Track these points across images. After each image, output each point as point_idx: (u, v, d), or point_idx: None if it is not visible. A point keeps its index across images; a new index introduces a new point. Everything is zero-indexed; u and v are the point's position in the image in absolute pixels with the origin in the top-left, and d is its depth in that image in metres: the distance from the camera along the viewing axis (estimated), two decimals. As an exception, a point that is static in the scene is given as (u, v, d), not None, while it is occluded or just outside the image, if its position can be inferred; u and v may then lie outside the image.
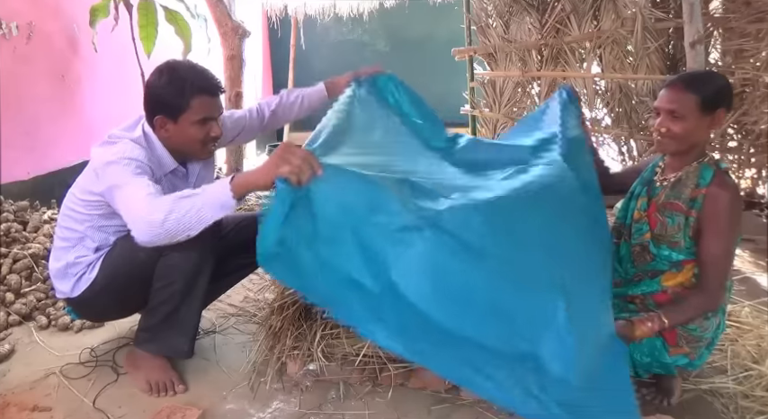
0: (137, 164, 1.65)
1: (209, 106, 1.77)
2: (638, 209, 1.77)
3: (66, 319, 2.23)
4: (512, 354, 1.35)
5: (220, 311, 2.36)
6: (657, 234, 1.70)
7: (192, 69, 1.77)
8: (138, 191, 1.56)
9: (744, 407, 1.70)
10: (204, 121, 1.77)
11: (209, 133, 1.79)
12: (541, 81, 4.09)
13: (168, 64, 1.79)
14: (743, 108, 3.39)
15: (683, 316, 1.62)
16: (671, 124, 1.63)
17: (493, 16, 4.22)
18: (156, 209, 1.48)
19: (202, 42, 3.95)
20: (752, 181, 3.74)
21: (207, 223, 1.47)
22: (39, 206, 2.96)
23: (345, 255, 1.34)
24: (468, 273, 1.36)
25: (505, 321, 1.37)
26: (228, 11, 4.32)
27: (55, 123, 3.35)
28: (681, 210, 1.65)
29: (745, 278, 2.68)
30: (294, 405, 1.75)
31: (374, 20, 6.96)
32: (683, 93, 1.60)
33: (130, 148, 1.70)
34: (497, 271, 1.38)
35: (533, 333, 1.36)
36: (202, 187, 1.50)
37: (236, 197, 1.44)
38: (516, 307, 1.37)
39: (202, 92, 1.74)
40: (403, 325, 1.33)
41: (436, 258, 1.35)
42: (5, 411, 1.73)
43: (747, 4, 3.21)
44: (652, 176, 1.81)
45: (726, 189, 1.60)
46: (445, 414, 1.72)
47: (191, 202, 1.46)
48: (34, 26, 3.15)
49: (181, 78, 1.72)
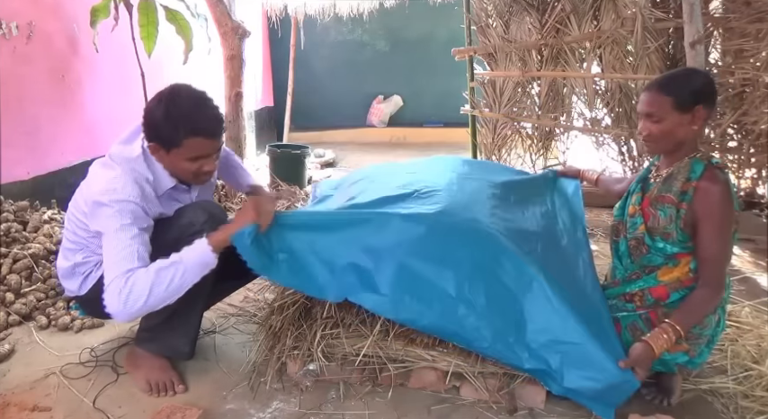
0: (128, 210, 1.62)
1: (203, 147, 1.70)
2: (633, 204, 1.80)
3: (66, 319, 2.23)
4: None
5: (220, 311, 2.36)
6: (651, 226, 1.72)
7: (193, 105, 1.68)
8: (118, 264, 1.55)
9: (744, 407, 1.70)
10: (196, 159, 1.72)
11: (200, 168, 1.74)
12: (541, 81, 4.09)
13: (171, 93, 1.70)
14: (743, 108, 3.39)
15: (694, 317, 1.62)
16: (651, 126, 1.67)
17: (493, 16, 4.22)
18: (134, 294, 1.51)
19: (202, 42, 3.95)
20: (752, 181, 3.74)
21: (189, 286, 1.58)
22: (39, 206, 2.96)
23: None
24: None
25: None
26: (228, 11, 4.32)
27: (55, 123, 3.34)
28: (672, 203, 1.67)
29: (745, 278, 2.68)
30: (294, 405, 1.75)
31: (374, 20, 6.96)
32: (658, 95, 1.64)
33: (123, 184, 1.65)
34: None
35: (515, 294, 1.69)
36: (180, 256, 1.57)
37: (217, 253, 1.58)
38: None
39: (197, 134, 1.66)
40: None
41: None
42: (5, 411, 1.73)
43: (747, 4, 3.21)
44: (647, 174, 1.84)
45: (716, 183, 1.62)
46: (445, 414, 1.72)
47: (172, 272, 1.54)
48: (34, 26, 3.15)
49: (177, 116, 1.65)
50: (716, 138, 3.65)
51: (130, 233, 1.60)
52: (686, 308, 1.63)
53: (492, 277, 1.69)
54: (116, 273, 1.55)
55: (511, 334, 1.65)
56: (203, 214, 1.78)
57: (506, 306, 1.67)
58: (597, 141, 4.04)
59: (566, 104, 4.06)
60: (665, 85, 1.65)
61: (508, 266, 1.70)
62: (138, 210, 1.65)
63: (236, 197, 4.07)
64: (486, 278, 1.69)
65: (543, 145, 4.31)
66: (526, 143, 4.35)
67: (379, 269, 1.70)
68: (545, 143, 4.31)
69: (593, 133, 3.99)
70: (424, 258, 1.71)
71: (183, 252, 1.58)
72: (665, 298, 1.69)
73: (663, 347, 1.57)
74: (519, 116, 4.23)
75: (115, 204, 1.61)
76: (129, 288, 1.52)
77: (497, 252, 1.72)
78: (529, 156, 4.37)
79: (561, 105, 4.08)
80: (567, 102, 4.06)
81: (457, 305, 1.66)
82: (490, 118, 4.34)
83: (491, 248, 1.73)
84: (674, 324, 1.58)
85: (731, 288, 1.77)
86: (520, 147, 4.39)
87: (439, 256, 1.71)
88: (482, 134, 4.47)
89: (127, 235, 1.59)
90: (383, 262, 1.71)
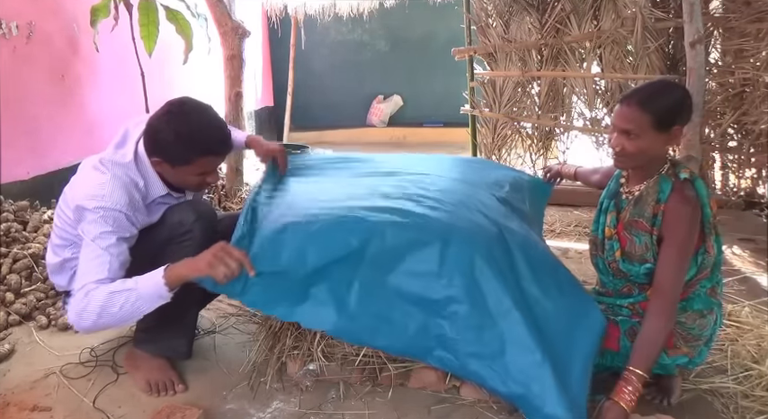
0: (112, 218, 1.60)
1: (213, 164, 1.72)
2: (609, 226, 1.75)
3: (66, 319, 2.23)
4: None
5: (220, 311, 2.36)
6: (628, 252, 1.69)
7: (205, 125, 1.65)
8: (87, 273, 1.55)
9: (744, 407, 1.70)
10: (203, 173, 1.72)
11: (204, 180, 1.75)
12: (541, 81, 4.09)
13: (180, 110, 1.65)
14: (743, 108, 3.39)
15: (654, 352, 1.55)
16: (625, 142, 1.60)
17: (493, 16, 4.21)
18: (88, 311, 1.52)
19: (202, 42, 3.95)
20: (752, 181, 3.74)
21: (144, 313, 1.55)
22: (39, 206, 2.96)
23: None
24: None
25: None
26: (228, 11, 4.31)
27: (55, 123, 3.35)
28: (645, 230, 1.64)
29: (745, 278, 2.68)
30: (294, 405, 1.75)
31: (374, 20, 6.96)
32: (638, 112, 1.57)
33: (110, 191, 1.62)
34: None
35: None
36: (135, 279, 1.54)
37: (171, 289, 1.53)
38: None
39: (209, 153, 1.67)
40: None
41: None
42: (5, 411, 1.73)
43: (747, 4, 3.21)
44: (617, 188, 1.79)
45: (683, 203, 1.58)
46: (445, 413, 1.72)
47: (125, 297, 1.51)
48: (34, 26, 3.15)
49: (189, 136, 1.62)
50: (716, 137, 3.65)
51: (107, 242, 1.58)
52: (643, 347, 1.55)
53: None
54: (83, 283, 1.55)
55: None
56: (193, 213, 1.77)
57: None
58: (597, 141, 4.04)
59: (566, 104, 4.06)
60: (645, 102, 1.57)
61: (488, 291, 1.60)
62: (122, 219, 1.62)
63: (236, 197, 4.06)
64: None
65: (543, 145, 4.31)
66: (526, 143, 4.35)
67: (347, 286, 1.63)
68: (545, 143, 4.30)
69: (593, 133, 3.99)
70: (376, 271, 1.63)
71: (140, 279, 1.54)
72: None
73: (632, 401, 1.49)
74: (519, 116, 4.23)
75: (99, 211, 1.59)
76: (85, 304, 1.52)
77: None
78: (529, 155, 4.36)
79: (561, 105, 4.08)
80: (567, 101, 4.06)
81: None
82: (490, 118, 4.34)
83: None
84: (636, 369, 1.50)
85: (722, 285, 1.75)
86: (520, 146, 4.39)
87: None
88: (482, 134, 4.47)
89: (104, 243, 1.58)
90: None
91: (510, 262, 1.66)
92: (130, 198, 1.66)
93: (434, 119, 7.34)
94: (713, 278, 1.68)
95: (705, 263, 1.64)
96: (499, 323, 1.57)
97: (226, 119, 4.62)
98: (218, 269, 1.50)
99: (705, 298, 1.68)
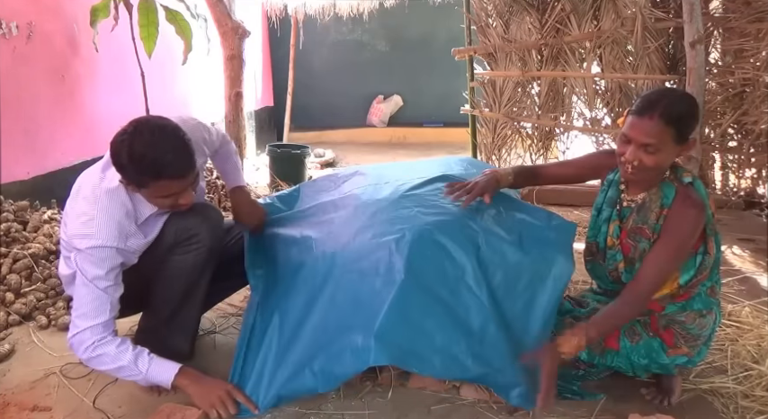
0: (104, 257, 1.58)
1: (171, 188, 1.58)
2: (611, 236, 1.73)
3: (66, 319, 2.23)
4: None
5: (220, 311, 2.36)
6: (631, 258, 1.68)
7: (155, 147, 1.50)
8: (88, 314, 1.60)
9: (744, 407, 1.70)
10: (167, 196, 1.61)
11: (175, 202, 1.64)
12: (541, 81, 4.09)
13: (133, 132, 1.52)
14: (743, 108, 3.39)
15: (610, 330, 1.59)
16: (644, 156, 1.52)
17: (493, 16, 4.22)
18: (93, 363, 1.64)
19: (202, 42, 3.95)
20: (752, 181, 3.74)
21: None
22: (39, 206, 2.96)
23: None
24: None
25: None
26: (228, 11, 4.32)
27: (55, 123, 3.34)
28: (646, 236, 1.64)
29: (745, 278, 2.68)
30: (294, 405, 1.75)
31: (374, 20, 6.96)
32: (660, 125, 1.49)
33: (98, 228, 1.58)
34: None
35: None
36: (147, 365, 1.63)
37: (172, 388, 1.68)
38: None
39: (161, 177, 1.54)
40: None
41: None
42: (5, 411, 1.73)
43: (747, 4, 3.22)
44: (617, 195, 1.75)
45: (689, 206, 1.56)
46: (445, 413, 1.72)
47: (129, 373, 1.64)
48: (34, 26, 3.15)
49: (139, 159, 1.50)
50: (716, 137, 3.65)
51: (105, 284, 1.60)
52: (604, 322, 1.57)
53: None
54: (87, 325, 1.60)
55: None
56: (199, 217, 1.76)
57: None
58: (597, 141, 4.04)
59: (566, 104, 4.07)
60: (667, 116, 1.49)
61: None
62: (115, 254, 1.61)
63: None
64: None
65: (543, 145, 4.32)
66: (526, 143, 4.36)
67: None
68: (545, 143, 4.31)
69: (593, 133, 4.00)
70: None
71: (151, 369, 1.63)
72: (659, 310, 1.68)
73: (570, 351, 1.52)
74: (519, 116, 4.23)
75: (92, 251, 1.58)
76: (95, 355, 1.61)
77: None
78: (529, 155, 4.37)
79: (561, 105, 4.08)
80: (567, 101, 4.06)
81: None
82: (490, 118, 4.35)
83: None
84: (590, 328, 1.54)
85: (720, 283, 1.75)
86: (520, 146, 4.40)
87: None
88: (482, 134, 4.48)
89: (102, 284, 1.59)
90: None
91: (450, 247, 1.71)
92: (120, 229, 1.61)
93: (434, 119, 7.35)
94: (712, 277, 1.69)
95: (705, 264, 1.64)
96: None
97: (226, 119, 4.64)
98: (214, 411, 1.65)
99: (705, 297, 1.68)
